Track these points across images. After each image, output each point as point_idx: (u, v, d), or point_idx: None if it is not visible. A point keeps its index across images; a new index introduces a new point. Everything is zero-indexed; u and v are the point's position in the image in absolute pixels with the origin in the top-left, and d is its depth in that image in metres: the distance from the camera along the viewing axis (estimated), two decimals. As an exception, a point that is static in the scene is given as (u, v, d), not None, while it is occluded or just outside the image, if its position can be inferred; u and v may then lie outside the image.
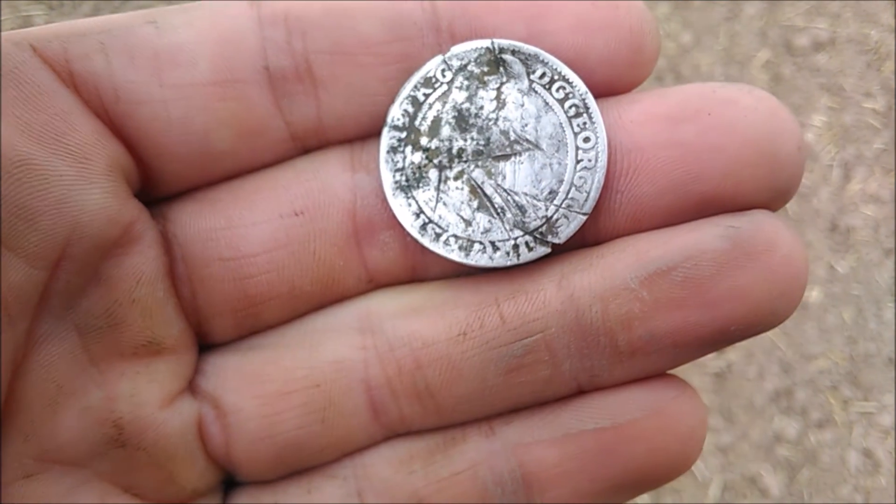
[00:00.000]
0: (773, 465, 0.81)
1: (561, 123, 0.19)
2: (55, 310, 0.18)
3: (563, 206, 0.19)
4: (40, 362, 0.18)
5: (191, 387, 0.20)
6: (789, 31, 1.00)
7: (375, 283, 0.20)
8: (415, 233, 0.19)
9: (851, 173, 0.92)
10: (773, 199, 0.18)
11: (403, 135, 0.19)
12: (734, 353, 0.83)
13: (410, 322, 0.20)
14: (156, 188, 0.20)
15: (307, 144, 0.20)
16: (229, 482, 0.21)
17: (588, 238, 0.19)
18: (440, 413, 0.20)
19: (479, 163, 0.19)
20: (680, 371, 0.20)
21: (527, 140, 0.19)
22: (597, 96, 0.19)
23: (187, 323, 0.20)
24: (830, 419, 0.83)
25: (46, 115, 0.17)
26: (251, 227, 0.19)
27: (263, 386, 0.20)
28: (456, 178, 0.19)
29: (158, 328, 0.19)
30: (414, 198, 0.19)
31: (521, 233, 0.19)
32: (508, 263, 0.19)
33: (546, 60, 0.19)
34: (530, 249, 0.19)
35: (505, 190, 0.19)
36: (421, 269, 0.20)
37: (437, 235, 0.19)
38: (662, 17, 1.00)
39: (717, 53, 1.00)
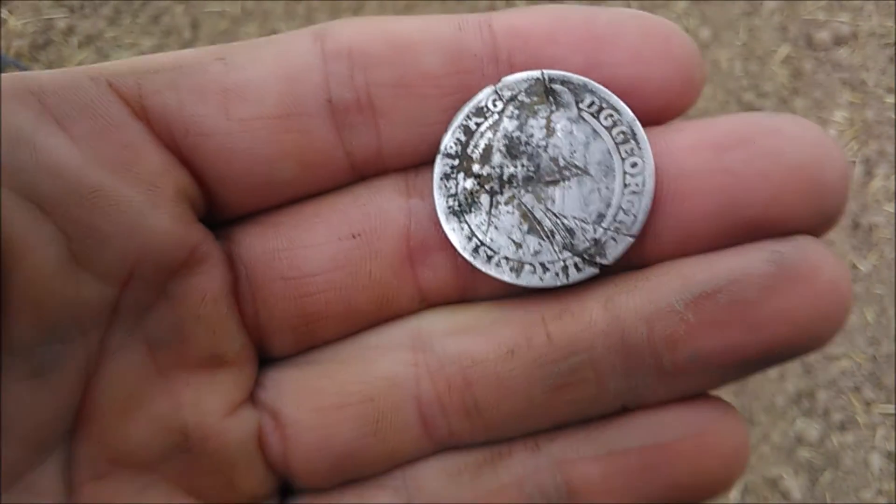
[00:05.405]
0: (795, 468, 0.81)
1: (609, 150, 0.20)
2: (125, 324, 0.19)
3: (612, 228, 0.20)
4: (112, 372, 0.19)
5: (251, 398, 0.21)
6: (810, 26, 0.99)
7: (427, 303, 0.21)
8: (468, 255, 0.20)
9: (874, 170, 0.91)
10: (817, 225, 0.19)
11: (456, 162, 0.20)
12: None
13: (460, 340, 0.20)
14: (220, 213, 0.21)
15: (365, 173, 0.21)
16: (286, 489, 0.22)
17: (634, 261, 0.20)
18: (488, 429, 0.21)
19: (530, 188, 0.20)
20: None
21: (575, 166, 0.20)
22: (650, 123, 0.20)
23: (249, 338, 0.21)
24: (853, 421, 0.83)
25: (117, 147, 0.18)
26: (311, 248, 0.20)
27: (320, 399, 0.21)
28: (507, 203, 0.20)
29: (222, 343, 0.20)
30: (466, 222, 0.20)
31: (570, 254, 0.20)
32: (558, 284, 0.20)
33: (594, 90, 0.20)
34: (579, 270, 0.20)
35: (554, 214, 0.20)
36: (471, 290, 0.21)
37: (489, 258, 0.20)
38: (681, 13, 0.99)
39: (736, 49, 0.99)
